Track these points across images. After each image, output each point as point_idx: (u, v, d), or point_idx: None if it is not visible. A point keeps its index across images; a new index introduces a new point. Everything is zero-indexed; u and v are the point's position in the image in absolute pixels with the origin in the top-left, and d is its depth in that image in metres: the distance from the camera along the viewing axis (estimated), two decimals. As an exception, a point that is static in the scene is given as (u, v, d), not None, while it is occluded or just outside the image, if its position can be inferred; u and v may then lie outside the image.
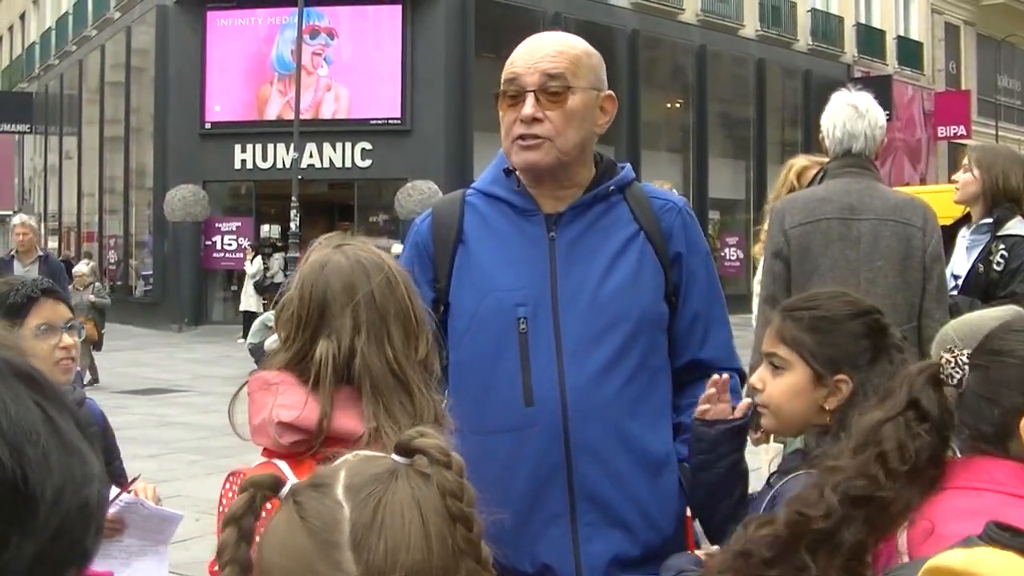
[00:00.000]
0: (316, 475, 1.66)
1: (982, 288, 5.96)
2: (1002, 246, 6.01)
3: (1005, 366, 2.21)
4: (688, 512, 3.48)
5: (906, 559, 2.14)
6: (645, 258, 3.48)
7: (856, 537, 2.22)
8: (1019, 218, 6.14)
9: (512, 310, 3.37)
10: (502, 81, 3.45)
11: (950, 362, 2.27)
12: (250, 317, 30.05)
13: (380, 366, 2.63)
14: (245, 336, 30.12)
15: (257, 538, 1.67)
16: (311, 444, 2.58)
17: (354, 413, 2.62)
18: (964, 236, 6.25)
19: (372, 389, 2.61)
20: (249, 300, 29.72)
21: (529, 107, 3.36)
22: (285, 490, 1.67)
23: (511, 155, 3.44)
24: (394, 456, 1.61)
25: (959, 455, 2.30)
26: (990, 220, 6.14)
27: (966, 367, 2.26)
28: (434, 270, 3.51)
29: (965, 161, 6.35)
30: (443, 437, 1.65)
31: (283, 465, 2.58)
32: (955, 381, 2.26)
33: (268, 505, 2.30)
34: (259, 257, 30.35)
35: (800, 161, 7.17)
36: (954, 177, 6.38)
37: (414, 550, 1.50)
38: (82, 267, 20.47)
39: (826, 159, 5.87)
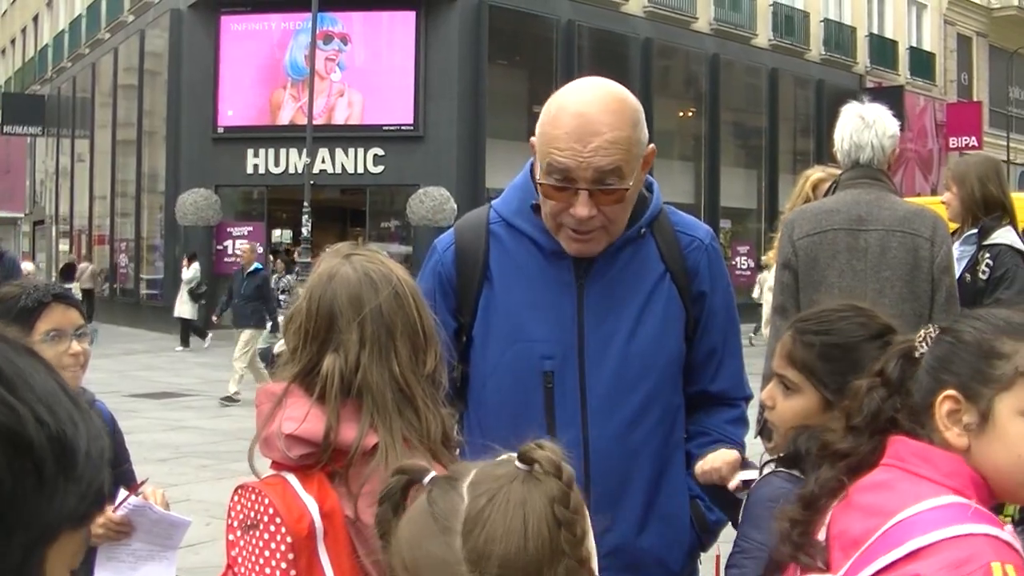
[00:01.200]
0: (452, 470, 1.96)
1: (970, 297, 5.99)
2: (987, 255, 6.10)
3: (952, 346, 2.24)
4: (700, 543, 3.48)
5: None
6: (671, 302, 3.39)
7: (823, 487, 2.32)
8: (1007, 227, 6.19)
9: (539, 363, 3.29)
10: (545, 164, 3.16)
11: (921, 337, 2.30)
12: (185, 324, 30.16)
13: (384, 381, 2.62)
14: (183, 343, 30.21)
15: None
16: (319, 457, 2.58)
17: (356, 427, 2.61)
18: (954, 248, 6.30)
19: (374, 404, 2.61)
20: (183, 307, 29.85)
21: (584, 208, 3.14)
22: (428, 478, 1.96)
23: (558, 236, 3.27)
24: (517, 463, 1.88)
25: None
26: (976, 231, 6.20)
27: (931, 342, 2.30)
28: (457, 302, 3.42)
29: (944, 182, 6.45)
30: (557, 450, 1.90)
31: (292, 478, 2.58)
32: (918, 355, 2.30)
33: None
34: (196, 264, 30.42)
35: (816, 173, 7.19)
36: (942, 199, 6.43)
37: (510, 543, 1.76)
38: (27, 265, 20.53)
39: (840, 171, 5.90)
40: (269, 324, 19.59)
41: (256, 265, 20.76)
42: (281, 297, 22.94)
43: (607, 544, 3.23)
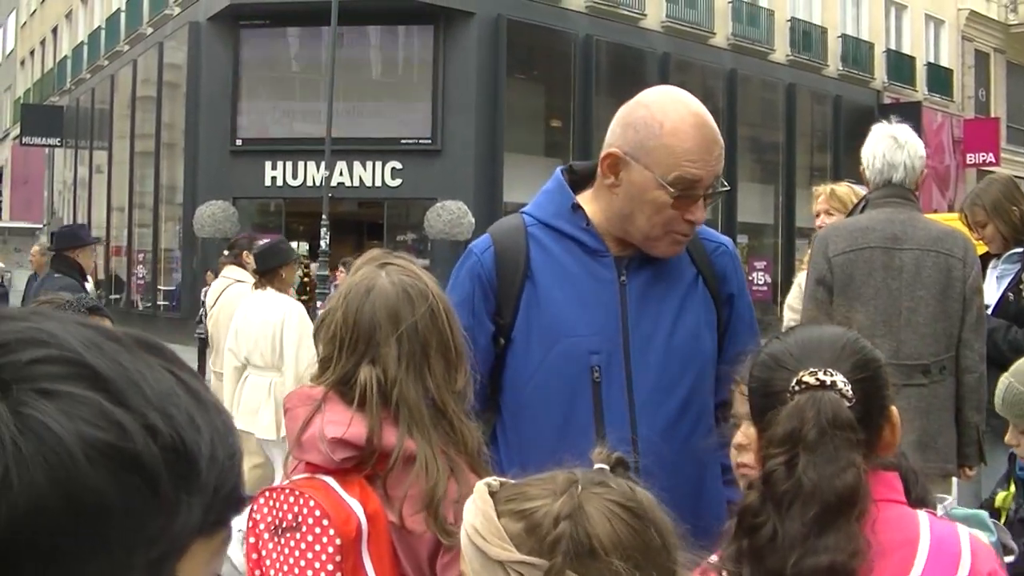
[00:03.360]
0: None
1: (1012, 316, 6.00)
2: None
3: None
4: None
5: None
6: (705, 303, 3.47)
7: None
8: None
9: (586, 357, 3.32)
10: (672, 176, 3.25)
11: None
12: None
13: (419, 396, 2.67)
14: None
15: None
16: (362, 460, 2.62)
17: (396, 434, 2.65)
18: (995, 266, 6.30)
19: (410, 416, 2.65)
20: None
21: (703, 212, 3.33)
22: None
23: (658, 243, 3.35)
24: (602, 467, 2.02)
25: None
26: (1020, 250, 6.19)
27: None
28: (497, 303, 3.44)
29: (972, 219, 6.38)
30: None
31: (331, 480, 2.62)
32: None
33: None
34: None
35: (818, 188, 7.29)
36: (976, 237, 6.39)
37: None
38: None
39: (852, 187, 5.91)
40: None
41: None
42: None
43: None
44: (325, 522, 2.54)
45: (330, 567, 2.52)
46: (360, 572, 2.57)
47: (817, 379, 2.19)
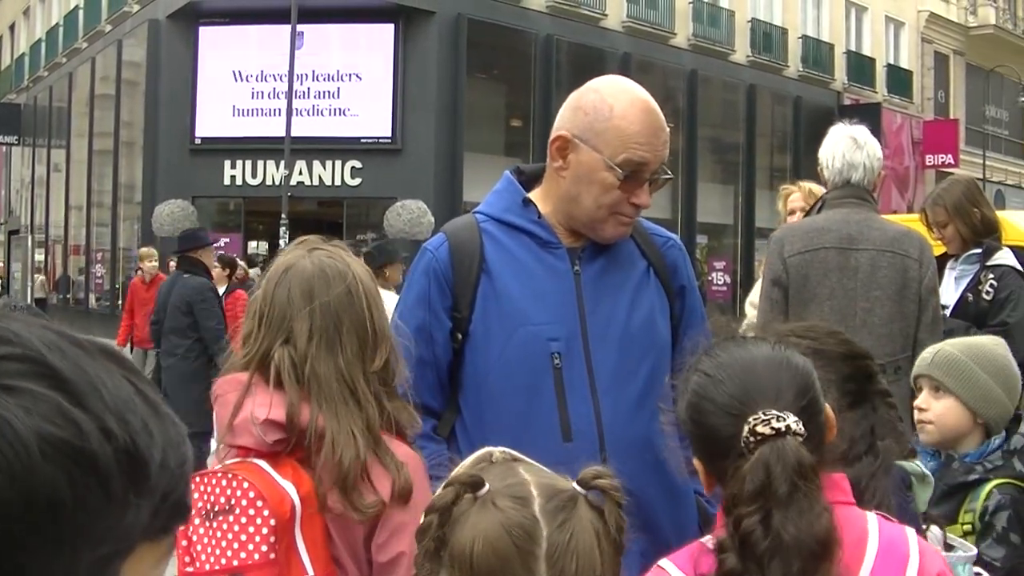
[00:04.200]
0: (509, 485, 1.97)
1: (971, 317, 6.01)
2: (991, 276, 6.11)
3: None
4: None
5: None
6: (657, 293, 3.52)
7: None
8: (1006, 248, 6.21)
9: (545, 344, 3.34)
10: (620, 159, 3.32)
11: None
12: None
13: (329, 372, 2.71)
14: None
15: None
16: (291, 441, 2.66)
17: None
18: (952, 267, 6.31)
19: (319, 394, 2.69)
20: None
21: (647, 196, 3.38)
22: (483, 491, 1.96)
23: (603, 225, 3.41)
24: (575, 485, 1.97)
25: None
26: (979, 250, 6.20)
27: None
28: (454, 299, 3.45)
29: (932, 218, 6.39)
30: (615, 480, 2.03)
31: (263, 464, 2.65)
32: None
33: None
34: None
35: (788, 187, 7.27)
36: (935, 237, 6.39)
37: (590, 572, 1.88)
38: None
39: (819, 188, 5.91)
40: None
41: None
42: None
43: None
44: (259, 503, 2.55)
45: (264, 548, 2.53)
46: (293, 554, 2.59)
47: (772, 428, 2.12)
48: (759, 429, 2.11)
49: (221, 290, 12.07)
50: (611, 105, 3.36)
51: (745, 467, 2.09)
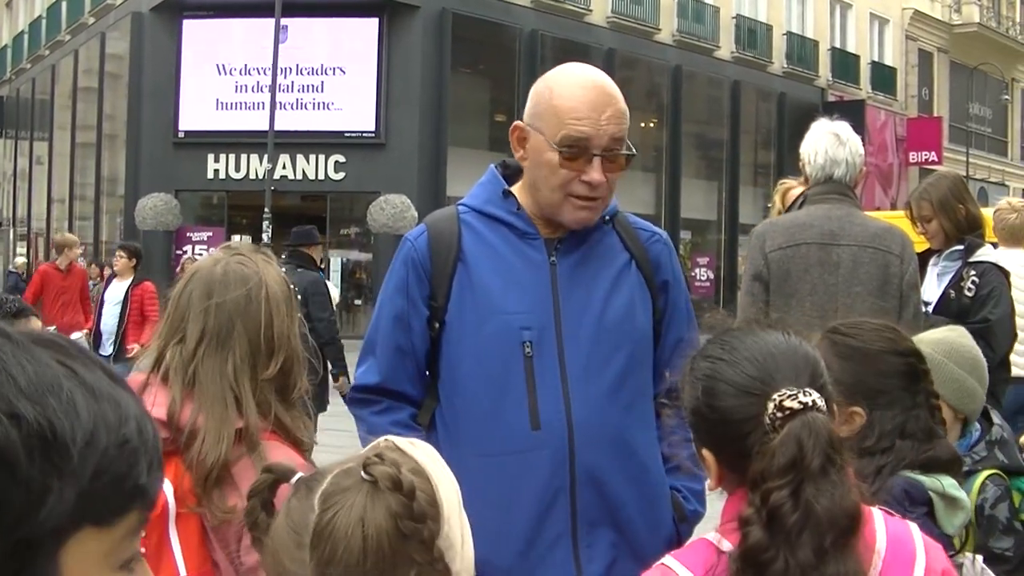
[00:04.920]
0: (312, 476, 1.97)
1: (954, 313, 6.00)
2: (973, 272, 6.10)
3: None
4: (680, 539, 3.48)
5: None
6: (638, 286, 3.50)
7: None
8: (988, 245, 6.21)
9: (517, 333, 3.35)
10: (559, 136, 3.32)
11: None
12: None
13: (215, 373, 2.75)
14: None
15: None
16: (175, 440, 2.69)
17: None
18: (935, 263, 6.30)
19: (200, 394, 2.73)
20: None
21: (598, 173, 3.32)
22: (295, 479, 2.00)
23: (561, 209, 3.39)
24: (362, 473, 1.87)
25: None
26: (961, 247, 6.19)
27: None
28: (431, 288, 3.48)
29: (917, 212, 6.38)
30: (400, 459, 1.91)
31: None
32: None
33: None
34: None
35: (788, 182, 7.20)
36: (918, 231, 6.38)
37: (350, 558, 1.81)
38: None
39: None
40: None
41: None
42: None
43: (587, 516, 3.32)
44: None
45: None
46: (165, 549, 2.64)
47: (800, 402, 2.09)
48: (787, 404, 2.08)
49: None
50: (551, 87, 3.43)
51: (775, 442, 2.07)
